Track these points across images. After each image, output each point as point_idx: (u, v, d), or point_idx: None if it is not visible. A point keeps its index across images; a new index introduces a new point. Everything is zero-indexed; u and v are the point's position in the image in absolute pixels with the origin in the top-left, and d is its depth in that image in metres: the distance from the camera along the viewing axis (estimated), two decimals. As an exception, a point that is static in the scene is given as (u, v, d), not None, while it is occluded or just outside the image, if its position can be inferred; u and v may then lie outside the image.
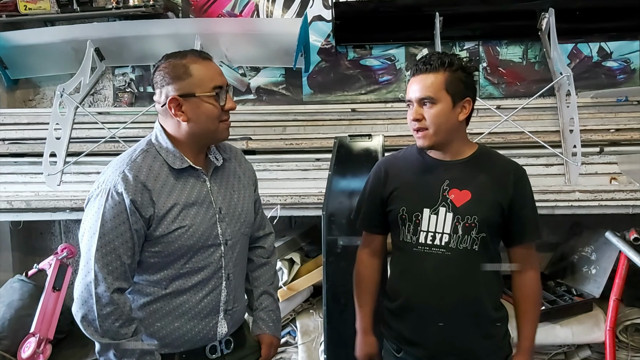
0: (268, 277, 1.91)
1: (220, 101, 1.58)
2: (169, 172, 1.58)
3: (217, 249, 1.63)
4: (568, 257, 3.30)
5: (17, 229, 3.68)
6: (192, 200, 1.59)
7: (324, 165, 3.24)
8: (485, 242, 1.73)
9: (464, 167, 1.77)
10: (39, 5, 3.56)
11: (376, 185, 1.89)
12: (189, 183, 1.61)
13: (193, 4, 3.75)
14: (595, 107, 3.36)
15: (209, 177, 1.66)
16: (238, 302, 1.73)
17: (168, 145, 1.59)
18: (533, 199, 1.80)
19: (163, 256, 1.57)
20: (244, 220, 1.72)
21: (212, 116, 1.57)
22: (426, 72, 1.69)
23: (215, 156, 1.69)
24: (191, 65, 1.56)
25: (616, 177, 3.13)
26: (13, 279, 3.25)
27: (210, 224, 1.62)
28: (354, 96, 3.76)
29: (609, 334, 2.75)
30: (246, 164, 1.83)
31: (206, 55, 1.61)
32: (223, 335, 1.68)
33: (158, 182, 1.55)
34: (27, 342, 2.79)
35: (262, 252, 1.92)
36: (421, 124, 1.70)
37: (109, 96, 3.88)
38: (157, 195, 1.53)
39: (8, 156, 3.55)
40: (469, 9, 3.51)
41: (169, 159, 1.58)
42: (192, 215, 1.58)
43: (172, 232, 1.55)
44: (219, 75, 1.60)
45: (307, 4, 3.69)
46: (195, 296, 1.62)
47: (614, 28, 3.55)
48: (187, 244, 1.57)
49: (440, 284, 1.73)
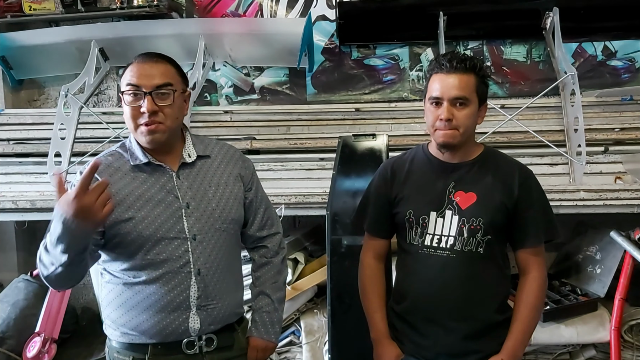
0: (268, 277, 1.88)
1: (131, 101, 1.57)
2: (132, 167, 1.64)
3: (183, 243, 1.63)
4: (573, 257, 3.29)
5: (21, 229, 3.69)
6: (150, 194, 1.62)
7: (328, 165, 3.24)
8: (491, 245, 1.72)
9: (469, 168, 1.77)
10: (43, 6, 3.57)
11: (382, 187, 1.88)
12: (152, 178, 1.65)
13: (197, 4, 3.76)
14: (599, 106, 3.35)
15: (177, 173, 1.67)
16: (218, 300, 1.69)
17: (132, 142, 1.67)
18: (542, 200, 1.78)
19: (124, 245, 1.60)
20: (218, 215, 1.69)
21: (127, 116, 1.60)
22: (460, 71, 1.67)
23: (189, 153, 1.71)
24: (130, 65, 1.61)
25: (621, 176, 3.12)
26: (18, 278, 3.26)
27: (173, 217, 1.63)
28: (357, 96, 3.76)
29: (614, 334, 2.74)
30: (237, 163, 1.81)
31: (150, 56, 1.62)
32: (196, 332, 1.66)
33: (113, 177, 1.61)
34: (32, 342, 2.80)
35: (265, 252, 1.90)
36: (452, 124, 1.68)
37: (113, 96, 3.89)
38: (110, 186, 1.53)
39: (13, 156, 3.56)
40: (473, 8, 3.50)
41: (132, 156, 1.65)
42: (150, 207, 1.61)
43: (126, 221, 1.58)
44: (143, 75, 1.57)
45: (310, 3, 3.69)
46: (161, 289, 1.62)
47: (619, 27, 3.54)
48: (143, 234, 1.59)
49: (446, 286, 1.73)
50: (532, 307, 1.76)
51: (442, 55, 1.73)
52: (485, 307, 1.75)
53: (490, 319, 1.76)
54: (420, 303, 1.78)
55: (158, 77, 1.58)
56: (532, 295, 1.76)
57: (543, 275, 1.78)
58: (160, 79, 1.58)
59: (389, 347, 1.85)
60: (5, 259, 3.78)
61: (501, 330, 1.76)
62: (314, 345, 2.91)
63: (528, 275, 1.77)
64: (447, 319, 1.74)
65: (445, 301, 1.74)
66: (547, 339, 2.80)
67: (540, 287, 1.77)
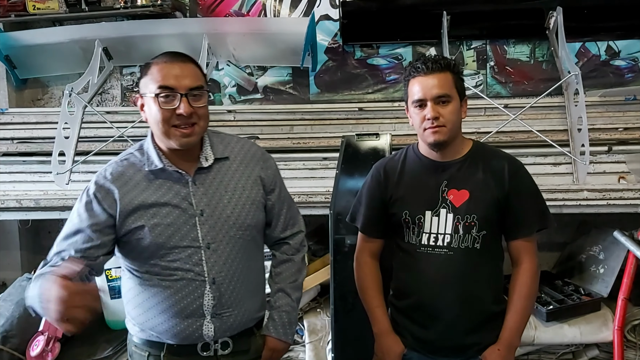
0: (289, 274, 1.84)
1: (165, 104, 1.52)
2: (147, 173, 1.61)
3: (196, 252, 1.61)
4: (576, 257, 3.29)
5: (25, 228, 3.70)
6: (164, 200, 1.60)
7: (331, 165, 3.24)
8: (487, 240, 1.76)
9: (460, 166, 1.80)
10: (47, 5, 3.58)
11: (376, 189, 1.91)
12: (167, 184, 1.62)
13: (200, 3, 3.76)
14: (603, 106, 3.35)
15: (192, 178, 1.63)
16: (234, 307, 1.67)
17: (149, 146, 1.63)
18: (533, 192, 1.81)
19: (139, 251, 1.61)
20: (233, 222, 1.65)
21: (157, 118, 1.54)
22: (437, 71, 1.72)
23: (206, 156, 1.66)
24: (153, 64, 1.56)
25: (624, 176, 3.12)
26: (21, 277, 3.27)
27: (187, 225, 1.60)
28: (361, 95, 3.76)
29: (617, 334, 2.74)
30: (257, 164, 1.75)
31: (177, 57, 1.58)
32: (211, 338, 1.65)
33: (129, 184, 1.59)
34: (36, 341, 2.81)
35: (287, 249, 1.86)
36: (439, 122, 1.71)
37: (117, 95, 3.90)
38: (123, 195, 1.57)
39: (17, 155, 3.57)
40: (476, 7, 3.51)
41: (148, 161, 1.62)
42: (163, 214, 1.59)
43: (139, 228, 1.57)
44: (175, 76, 1.53)
45: (314, 3, 3.69)
46: (175, 296, 1.61)
47: (622, 27, 3.54)
48: (156, 242, 1.58)
49: (445, 283, 1.77)
50: (525, 297, 1.79)
51: (416, 60, 1.78)
52: (483, 300, 1.79)
53: (487, 310, 1.80)
54: (421, 300, 1.82)
55: (191, 78, 1.54)
56: (525, 286, 1.79)
57: (535, 265, 1.81)
58: (194, 80, 1.55)
59: (393, 340, 1.87)
60: (8, 257, 3.79)
61: (498, 321, 1.80)
62: (317, 344, 2.91)
63: (521, 266, 1.80)
64: (448, 314, 1.77)
65: (445, 297, 1.77)
66: (550, 339, 2.80)
67: (533, 277, 1.80)
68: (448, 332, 1.78)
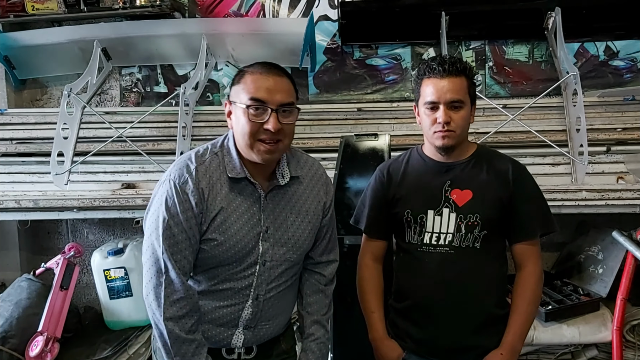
0: (321, 306, 1.80)
1: (255, 117, 1.49)
2: (227, 179, 1.58)
3: (252, 266, 1.61)
4: (575, 257, 3.30)
5: (24, 228, 3.70)
6: (240, 211, 1.58)
7: (330, 165, 3.22)
8: (488, 240, 1.75)
9: (464, 167, 1.80)
10: (46, 6, 3.58)
11: (379, 190, 1.91)
12: (244, 193, 1.59)
13: (199, 4, 3.76)
14: (601, 106, 3.35)
15: (266, 193, 1.62)
16: (268, 322, 1.68)
17: (232, 151, 1.60)
18: (536, 194, 1.80)
19: (201, 257, 1.58)
20: (292, 245, 1.65)
21: (243, 130, 1.51)
22: (453, 74, 1.70)
23: (283, 173, 1.64)
24: (247, 73, 1.54)
25: (623, 176, 3.12)
26: (21, 278, 3.26)
27: (252, 241, 1.59)
28: (359, 95, 3.76)
29: (616, 334, 2.74)
30: (322, 188, 1.74)
31: (273, 69, 1.55)
32: (239, 347, 1.66)
33: (213, 190, 1.56)
34: (35, 341, 2.80)
35: (320, 279, 1.81)
36: (450, 127, 1.71)
37: (116, 96, 3.89)
38: (211, 201, 1.54)
39: (16, 156, 3.57)
40: (475, 8, 3.50)
41: (229, 166, 1.58)
42: (237, 228, 1.57)
43: (211, 240, 1.55)
44: (268, 90, 1.50)
45: (313, 3, 3.69)
46: (215, 303, 1.62)
47: (621, 27, 3.54)
48: (223, 255, 1.57)
49: (445, 282, 1.76)
50: (529, 301, 1.78)
51: (431, 59, 1.76)
52: (484, 302, 1.77)
53: (489, 313, 1.78)
54: (421, 300, 1.81)
55: (283, 93, 1.52)
56: (529, 289, 1.78)
57: (539, 269, 1.80)
58: (286, 96, 1.52)
59: (389, 346, 1.87)
60: (7, 258, 3.79)
61: (500, 325, 1.78)
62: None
63: (524, 270, 1.79)
64: (448, 315, 1.76)
65: (445, 297, 1.76)
66: (549, 339, 2.80)
67: (537, 281, 1.79)
68: (447, 332, 1.77)
